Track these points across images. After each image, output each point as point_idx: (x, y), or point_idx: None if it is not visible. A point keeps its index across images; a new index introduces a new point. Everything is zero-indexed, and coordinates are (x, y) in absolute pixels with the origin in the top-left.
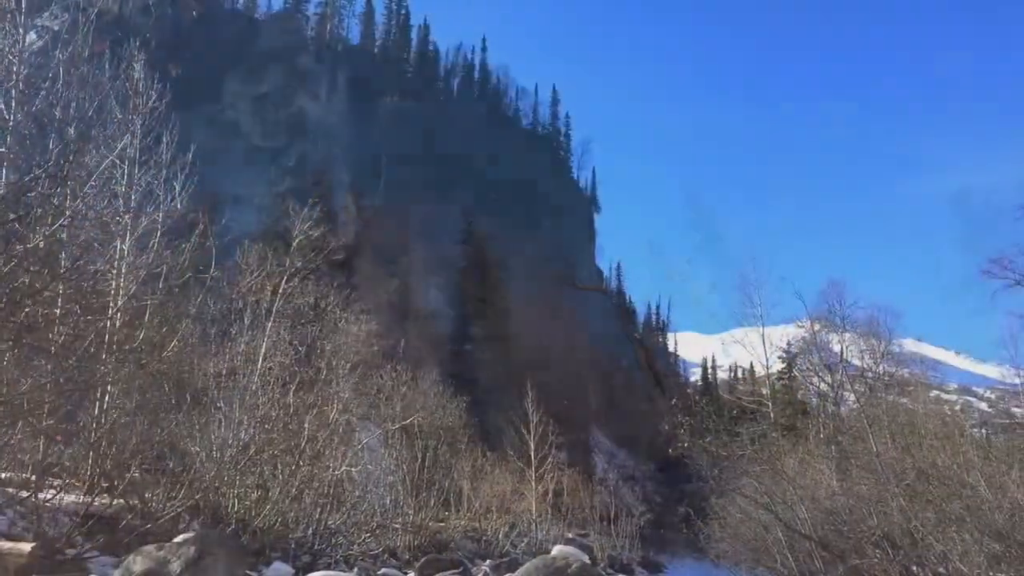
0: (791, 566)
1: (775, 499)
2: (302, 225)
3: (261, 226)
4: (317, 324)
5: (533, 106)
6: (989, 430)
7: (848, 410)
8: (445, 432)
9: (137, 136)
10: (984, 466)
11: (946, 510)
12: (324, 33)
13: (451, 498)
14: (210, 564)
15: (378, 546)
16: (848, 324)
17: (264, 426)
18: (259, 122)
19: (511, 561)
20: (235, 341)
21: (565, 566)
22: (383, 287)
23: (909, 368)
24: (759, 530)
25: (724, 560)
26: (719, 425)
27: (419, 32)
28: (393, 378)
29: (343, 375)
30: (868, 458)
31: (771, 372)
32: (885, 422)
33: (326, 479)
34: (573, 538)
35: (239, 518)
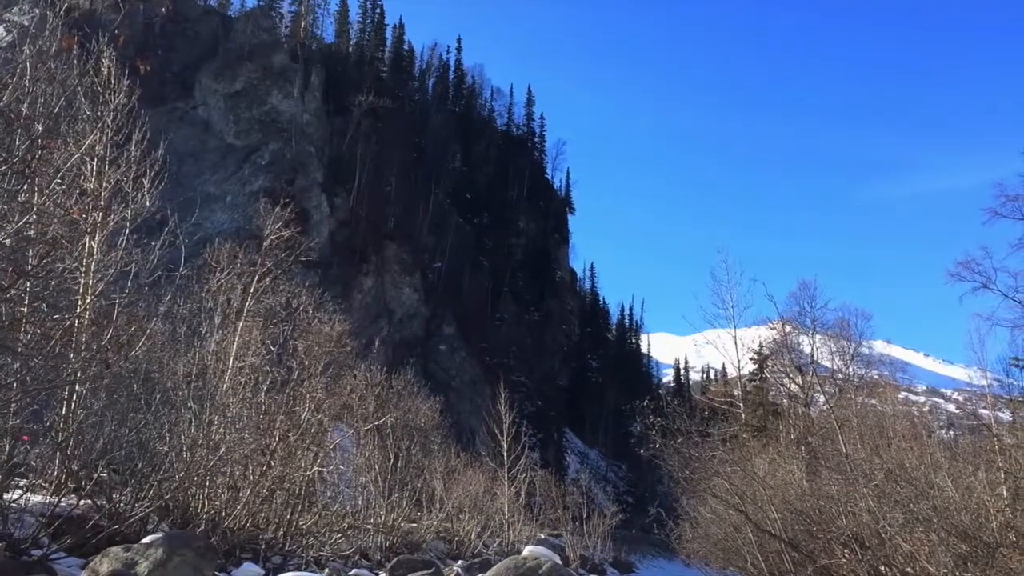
0: (761, 566)
1: (745, 499)
2: (273, 224)
3: (234, 225)
4: (289, 324)
5: (508, 107)
6: (957, 431)
7: (818, 411)
8: (418, 432)
9: (107, 133)
10: (951, 467)
11: (914, 511)
12: (298, 31)
13: (423, 498)
14: (178, 565)
15: (349, 547)
16: (818, 326)
17: (235, 426)
18: (232, 120)
19: (483, 562)
20: (206, 340)
21: (536, 566)
22: (357, 287)
23: (878, 370)
24: (729, 530)
25: (695, 560)
26: (690, 426)
27: (394, 32)
28: (366, 378)
29: (315, 375)
30: (837, 459)
31: (743, 373)
32: (854, 423)
33: (297, 479)
34: (545, 538)
35: (209, 519)
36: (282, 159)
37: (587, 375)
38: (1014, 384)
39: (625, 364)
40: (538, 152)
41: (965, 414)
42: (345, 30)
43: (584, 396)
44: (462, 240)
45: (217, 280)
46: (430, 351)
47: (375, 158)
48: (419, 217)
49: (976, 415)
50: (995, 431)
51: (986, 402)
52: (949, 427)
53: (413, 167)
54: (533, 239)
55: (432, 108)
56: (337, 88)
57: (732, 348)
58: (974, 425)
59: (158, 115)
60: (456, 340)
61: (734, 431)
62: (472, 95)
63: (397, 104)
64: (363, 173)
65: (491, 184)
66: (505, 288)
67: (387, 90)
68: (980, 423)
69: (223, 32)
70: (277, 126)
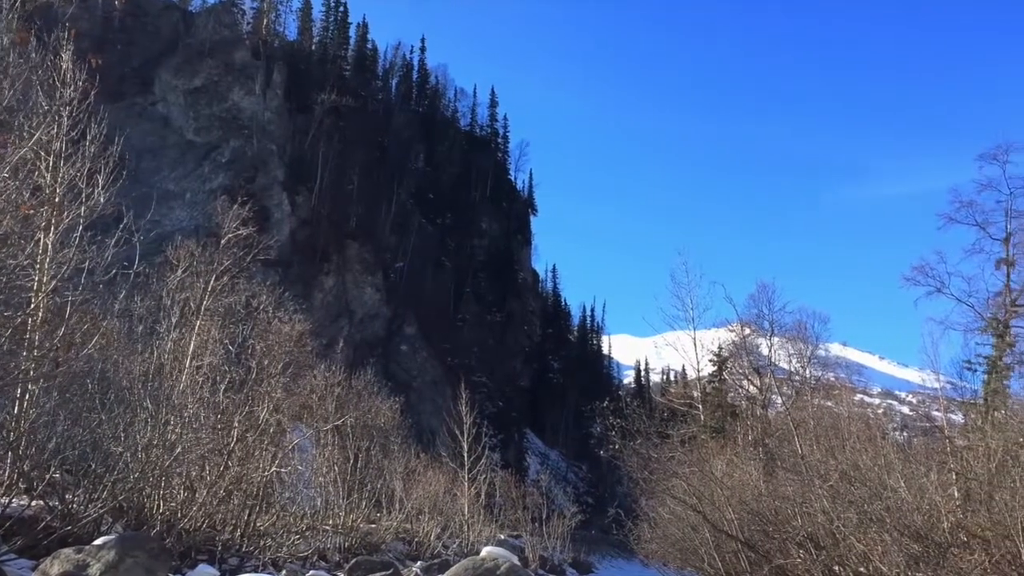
0: (718, 566)
1: (703, 500)
2: (231, 222)
3: (193, 222)
4: (249, 323)
5: (471, 107)
6: (910, 433)
7: (776, 413)
8: (378, 433)
9: (63, 128)
10: (904, 468)
11: (868, 511)
12: (260, 28)
13: (383, 499)
14: (131, 567)
15: (308, 548)
16: (777, 328)
17: (192, 426)
18: (192, 117)
19: (442, 563)
20: (163, 339)
21: (494, 567)
22: (318, 286)
23: (835, 372)
24: (687, 531)
25: (653, 560)
26: (650, 427)
27: (358, 30)
28: (326, 378)
29: (274, 375)
30: (794, 460)
31: (702, 375)
32: (811, 425)
33: (255, 480)
34: (505, 539)
35: (164, 520)
36: (243, 157)
37: (548, 376)
38: (966, 387)
39: (586, 365)
40: (501, 153)
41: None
42: (308, 28)
43: (545, 397)
44: (424, 240)
45: (175, 278)
46: (391, 351)
47: (337, 157)
48: (381, 217)
49: (929, 417)
50: (947, 433)
51: (939, 405)
52: (903, 429)
53: (376, 167)
54: (495, 240)
55: (395, 108)
56: (299, 86)
57: (691, 350)
58: (927, 427)
59: (116, 110)
60: (417, 340)
61: (693, 432)
62: (436, 95)
63: (360, 103)
64: (325, 172)
65: (454, 184)
66: (467, 289)
67: (350, 89)
68: (933, 425)
69: (184, 27)
70: (238, 123)
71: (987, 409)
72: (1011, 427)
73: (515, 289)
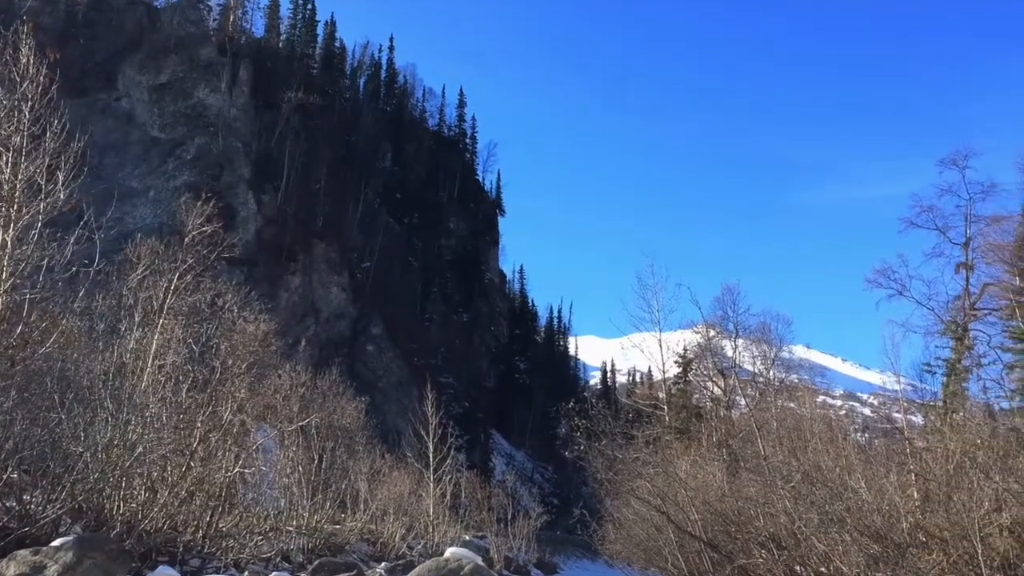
0: (681, 566)
1: (667, 501)
2: (195, 220)
3: (157, 220)
4: (213, 322)
5: (440, 107)
6: (871, 434)
7: (739, 414)
8: (343, 433)
9: (24, 123)
10: (865, 469)
11: (829, 511)
12: (227, 25)
13: (347, 500)
14: (88, 568)
15: (271, 549)
16: (741, 330)
17: (153, 426)
18: (156, 113)
19: (407, 563)
20: (124, 338)
21: (458, 568)
22: (283, 285)
23: (798, 374)
24: (651, 531)
25: (617, 561)
26: (615, 428)
27: (326, 28)
28: (291, 378)
29: (239, 374)
30: (756, 461)
31: (667, 376)
32: (774, 426)
33: (218, 481)
34: (470, 540)
35: (124, 521)
36: (208, 154)
37: (515, 377)
38: (926, 389)
39: (553, 366)
40: (469, 153)
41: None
42: (275, 25)
43: (512, 398)
44: (391, 240)
45: (137, 276)
46: (357, 351)
47: (304, 155)
48: (348, 216)
49: (890, 419)
50: (907, 435)
51: (900, 406)
52: (864, 430)
53: (343, 166)
54: (463, 240)
55: (363, 107)
56: (266, 83)
57: (657, 351)
58: (888, 428)
59: (79, 106)
60: (384, 340)
61: (657, 433)
62: (404, 95)
63: (327, 102)
64: (291, 170)
65: (422, 184)
66: (434, 289)
67: (317, 87)
68: (894, 427)
69: (148, 23)
70: (203, 120)
71: (946, 411)
72: (969, 429)
73: (482, 290)
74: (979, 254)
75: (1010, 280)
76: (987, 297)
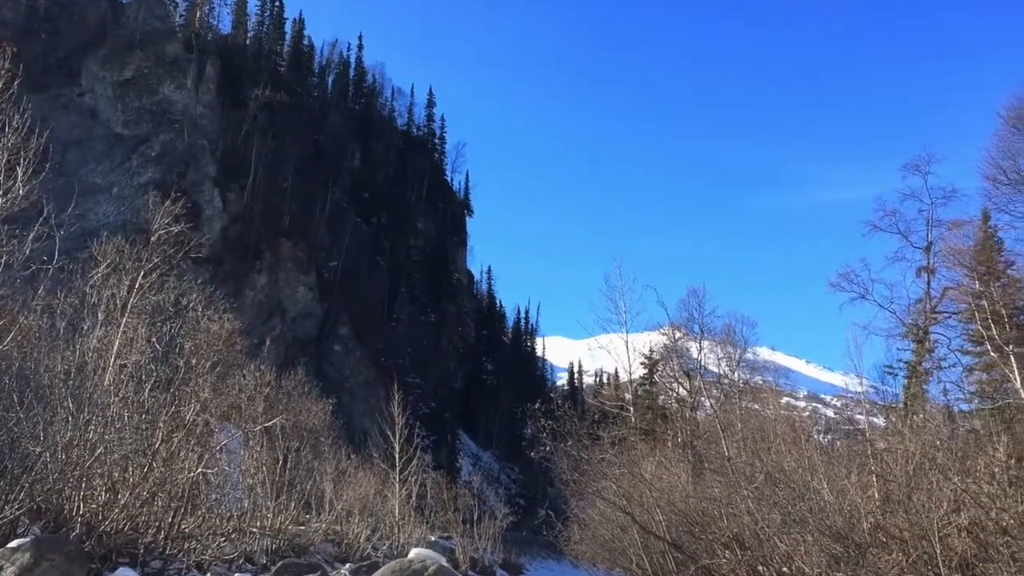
0: (646, 566)
1: (632, 501)
2: (162, 218)
3: (120, 218)
4: (177, 321)
5: (408, 107)
6: (834, 436)
7: (705, 415)
8: (308, 433)
9: None
10: (827, 470)
11: (791, 512)
12: (193, 20)
13: (312, 501)
14: (46, 570)
15: (234, 550)
16: (706, 332)
17: (114, 426)
18: (120, 109)
19: (372, 564)
20: (86, 337)
21: (422, 568)
22: (249, 284)
23: (762, 375)
24: (616, 531)
25: (583, 561)
26: (581, 429)
27: (294, 26)
28: (256, 378)
29: (202, 374)
30: (721, 462)
31: (634, 378)
32: (738, 427)
33: (180, 481)
34: (436, 540)
35: (84, 522)
36: (173, 151)
37: (482, 378)
38: (888, 391)
39: (520, 367)
40: (438, 154)
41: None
42: (243, 22)
43: (479, 398)
44: (359, 240)
45: (100, 273)
46: (324, 351)
47: (271, 154)
48: (315, 215)
49: (852, 420)
50: (869, 436)
51: (862, 408)
52: (827, 431)
53: (310, 164)
54: (431, 240)
55: (331, 105)
56: (233, 81)
57: (624, 353)
58: (850, 430)
59: (41, 101)
60: (351, 340)
61: (623, 434)
62: (372, 94)
63: (295, 100)
64: (258, 169)
65: (390, 184)
66: (402, 289)
67: (285, 85)
68: (856, 428)
69: (112, 17)
70: (168, 117)
71: (906, 413)
72: (928, 431)
73: (450, 290)
74: (940, 258)
75: (970, 284)
76: (947, 301)
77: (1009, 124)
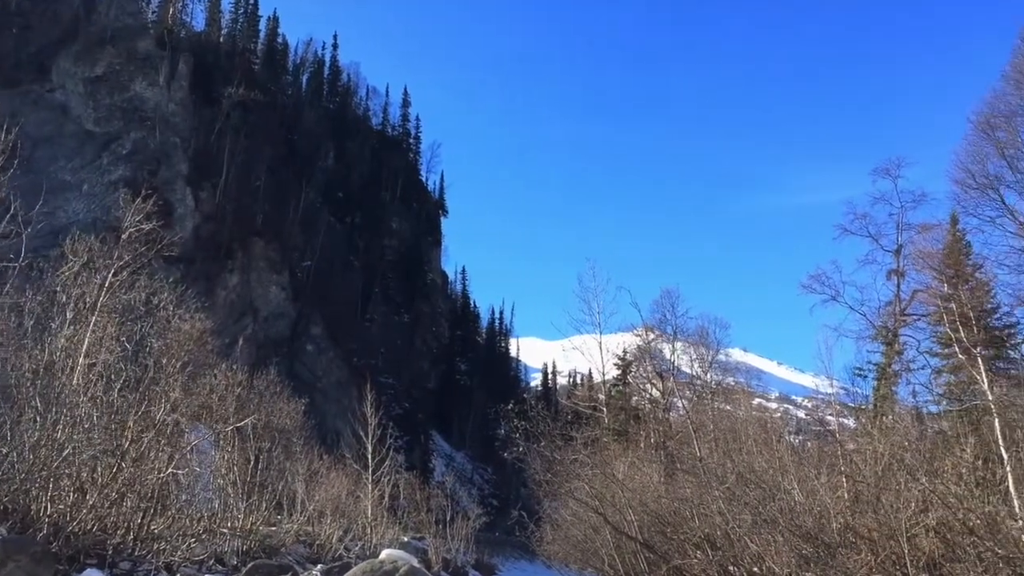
0: (618, 567)
1: (605, 502)
2: (133, 216)
3: (90, 215)
4: (148, 320)
5: (383, 107)
6: (805, 437)
7: (677, 416)
8: (280, 434)
9: None
10: (798, 471)
11: (762, 512)
12: (166, 17)
13: (284, 501)
14: (12, 571)
15: (204, 551)
16: (680, 333)
17: (83, 426)
18: (91, 106)
19: (343, 565)
20: (55, 336)
21: (393, 569)
22: (221, 284)
23: (735, 377)
24: (589, 532)
25: (555, 561)
26: (554, 430)
27: (268, 24)
28: (228, 378)
29: (173, 374)
30: (692, 462)
31: (607, 379)
32: (710, 428)
33: (150, 482)
34: (409, 541)
35: (52, 522)
36: (145, 149)
37: (456, 378)
38: (858, 393)
39: (494, 368)
40: (413, 153)
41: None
42: (216, 19)
43: (452, 399)
44: (333, 239)
45: (69, 271)
46: (297, 351)
47: (244, 152)
48: (289, 214)
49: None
50: (839, 437)
51: (832, 409)
52: (798, 433)
53: (284, 163)
54: (405, 240)
55: (305, 104)
56: (206, 78)
57: (597, 353)
58: (821, 431)
59: (10, 97)
60: (324, 340)
61: (596, 435)
62: (347, 93)
63: (269, 98)
64: (231, 167)
65: (364, 184)
66: (376, 289)
67: (259, 83)
68: (826, 429)
69: (84, 13)
70: (140, 114)
71: (876, 414)
72: (897, 432)
73: (424, 290)
74: (909, 261)
75: (938, 287)
76: (916, 303)
77: (978, 128)
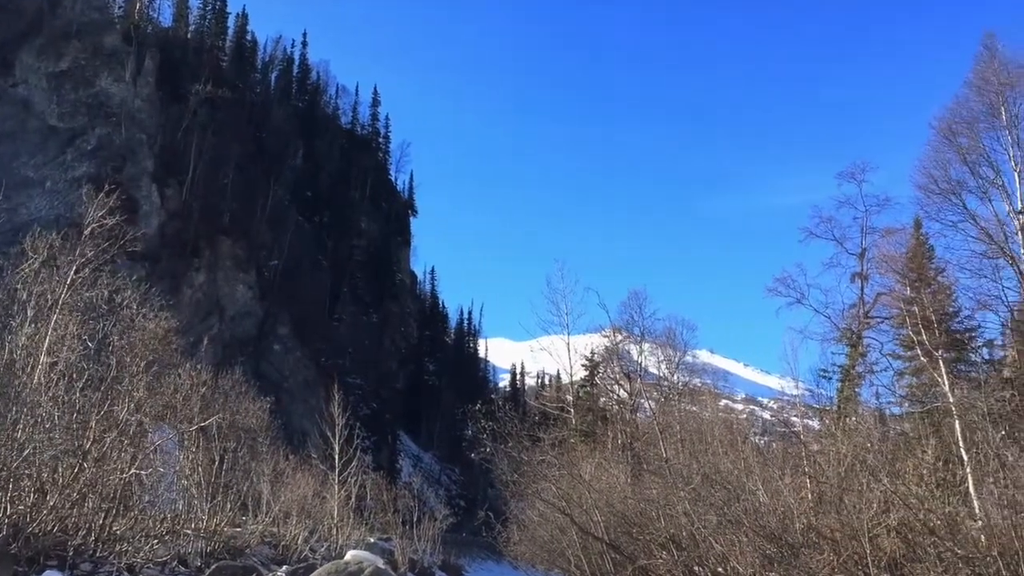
0: (584, 567)
1: (571, 503)
2: (96, 212)
3: (53, 212)
4: (111, 319)
5: (353, 105)
6: (770, 438)
7: (644, 417)
8: (246, 434)
9: None
10: (763, 471)
11: (727, 513)
12: (133, 12)
13: (249, 502)
14: None
15: (167, 552)
16: (647, 334)
17: (44, 426)
18: (55, 101)
19: (309, 566)
20: (15, 333)
21: (358, 570)
22: (187, 282)
23: (701, 378)
24: (555, 532)
25: (522, 562)
26: (521, 431)
27: (236, 20)
28: (192, 377)
29: (137, 373)
30: (659, 463)
31: (575, 379)
32: (677, 429)
33: (112, 482)
34: (375, 542)
35: (11, 523)
36: (110, 145)
37: (424, 378)
38: (823, 394)
39: (462, 368)
40: (382, 153)
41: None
42: (184, 15)
43: (420, 399)
44: (301, 238)
45: (29, 267)
46: (263, 351)
47: (211, 150)
48: (256, 213)
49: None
50: (803, 438)
51: (797, 411)
52: (764, 434)
53: (252, 161)
54: (374, 240)
55: (274, 102)
56: (173, 75)
57: (566, 354)
58: (786, 432)
59: None
60: (291, 340)
61: (563, 436)
62: (316, 91)
63: (237, 95)
64: (198, 164)
65: (333, 183)
66: (344, 289)
67: (227, 80)
68: (791, 430)
69: (49, 7)
70: (106, 110)
71: (839, 415)
72: (860, 433)
73: (393, 290)
74: (873, 264)
75: (901, 290)
76: (880, 306)
77: (941, 134)
